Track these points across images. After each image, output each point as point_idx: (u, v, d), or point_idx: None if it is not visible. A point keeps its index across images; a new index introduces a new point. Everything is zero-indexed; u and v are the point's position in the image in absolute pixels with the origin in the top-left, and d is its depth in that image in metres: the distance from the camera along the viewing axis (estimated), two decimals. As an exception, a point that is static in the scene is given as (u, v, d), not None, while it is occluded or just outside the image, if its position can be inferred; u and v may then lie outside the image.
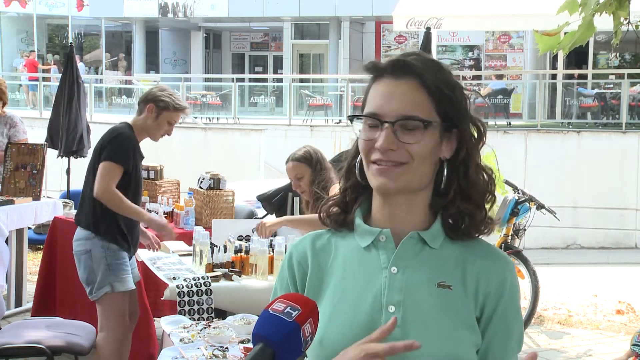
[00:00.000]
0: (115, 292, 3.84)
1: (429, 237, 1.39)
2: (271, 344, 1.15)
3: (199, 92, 18.41)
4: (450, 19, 13.69)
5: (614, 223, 10.70)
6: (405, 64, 1.37)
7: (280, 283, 1.48)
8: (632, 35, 4.59)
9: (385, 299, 1.35)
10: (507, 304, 1.38)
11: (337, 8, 20.89)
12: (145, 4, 22.71)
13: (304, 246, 1.47)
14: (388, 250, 1.39)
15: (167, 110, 3.95)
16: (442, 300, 1.35)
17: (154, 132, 4.00)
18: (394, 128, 1.34)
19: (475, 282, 1.37)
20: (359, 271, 1.40)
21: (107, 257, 3.85)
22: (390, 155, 1.34)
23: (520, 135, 11.16)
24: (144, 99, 3.97)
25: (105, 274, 3.83)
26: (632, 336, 4.33)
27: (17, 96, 19.39)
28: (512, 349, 1.40)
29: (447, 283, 1.36)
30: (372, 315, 1.35)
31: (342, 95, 15.66)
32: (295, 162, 4.07)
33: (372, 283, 1.38)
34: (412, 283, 1.36)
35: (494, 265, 1.39)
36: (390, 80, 1.37)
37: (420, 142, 1.34)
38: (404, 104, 1.34)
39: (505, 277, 1.39)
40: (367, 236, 1.41)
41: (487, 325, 1.37)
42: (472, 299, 1.37)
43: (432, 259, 1.39)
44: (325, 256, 1.45)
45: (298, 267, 1.45)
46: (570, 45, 4.13)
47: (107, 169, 3.77)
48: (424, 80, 1.35)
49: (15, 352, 3.75)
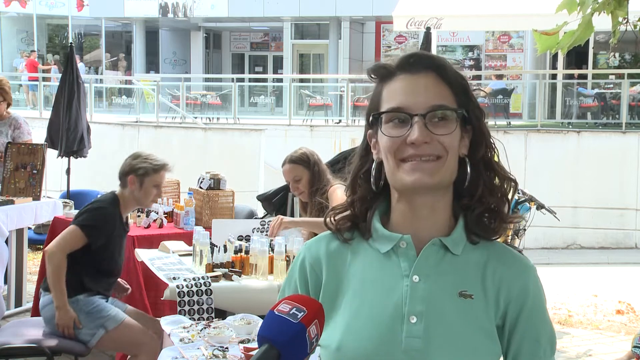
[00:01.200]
0: (109, 330, 3.76)
1: (451, 243, 1.35)
2: (276, 345, 1.15)
3: (199, 92, 18.41)
4: (450, 19, 13.69)
5: (614, 223, 10.70)
6: (419, 58, 1.33)
7: (289, 285, 1.44)
8: (632, 35, 4.59)
9: (406, 309, 1.31)
10: (532, 309, 1.34)
11: (337, 8, 20.89)
12: (145, 4, 22.71)
13: (318, 250, 1.42)
14: (409, 258, 1.34)
15: (148, 176, 3.89)
16: (464, 310, 1.31)
17: (144, 201, 3.95)
18: (425, 120, 1.29)
19: (497, 289, 1.34)
20: (379, 278, 1.36)
21: (81, 308, 3.76)
22: (425, 149, 1.29)
23: (520, 135, 11.16)
24: (122, 173, 3.90)
25: (88, 321, 3.74)
26: (633, 337, 4.33)
27: (17, 96, 19.38)
28: (544, 353, 1.36)
29: (468, 292, 1.33)
30: (393, 325, 1.31)
31: (342, 95, 15.66)
32: (292, 164, 4.05)
33: (392, 291, 1.33)
34: (434, 293, 1.32)
35: (515, 271, 1.35)
36: (407, 76, 1.33)
37: (453, 132, 1.31)
38: (431, 96, 1.30)
39: (528, 283, 1.35)
40: (386, 242, 1.36)
41: (512, 333, 1.34)
42: (492, 306, 1.33)
43: (453, 267, 1.34)
44: (342, 259, 1.40)
45: (311, 272, 1.41)
46: (570, 45, 4.13)
47: (71, 232, 3.74)
48: (443, 73, 1.32)
49: (15, 352, 3.75)
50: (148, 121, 14.67)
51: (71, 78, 6.99)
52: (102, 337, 3.75)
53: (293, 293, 1.42)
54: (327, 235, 1.44)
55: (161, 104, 15.43)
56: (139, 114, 16.28)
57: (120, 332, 3.78)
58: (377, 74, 1.37)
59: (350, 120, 14.26)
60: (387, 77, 1.35)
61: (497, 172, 1.37)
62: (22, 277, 5.73)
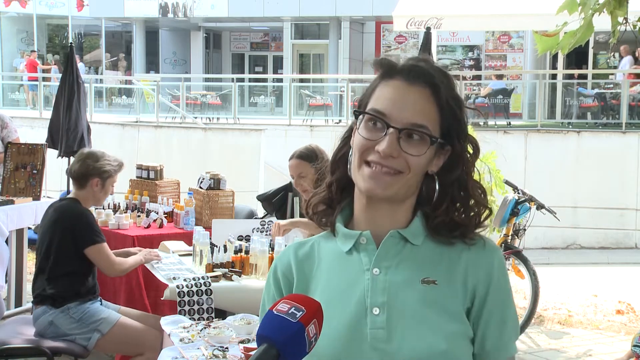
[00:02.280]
0: (105, 333, 3.77)
1: (410, 234, 1.38)
2: (275, 344, 1.15)
3: (199, 92, 18.41)
4: (450, 19, 13.68)
5: (614, 223, 10.69)
6: (421, 72, 1.34)
7: (267, 295, 1.48)
8: (631, 35, 4.59)
9: (369, 301, 1.34)
10: (497, 291, 1.37)
11: (337, 8, 20.89)
12: (145, 4, 22.70)
13: (288, 257, 1.46)
14: (369, 252, 1.38)
15: (110, 177, 4.01)
16: (428, 296, 1.34)
17: (102, 200, 4.10)
18: (399, 135, 1.31)
19: (464, 272, 1.36)
20: (343, 275, 1.39)
21: (72, 316, 3.78)
22: (389, 161, 1.32)
23: (520, 135, 11.16)
24: (83, 175, 3.93)
25: (82, 327, 3.76)
26: (633, 337, 4.33)
27: (17, 96, 19.41)
28: (509, 335, 1.39)
29: (431, 278, 1.35)
30: (358, 319, 1.34)
31: (342, 95, 15.66)
32: (299, 159, 3.99)
33: (355, 286, 1.37)
34: (395, 283, 1.35)
35: (480, 254, 1.38)
36: (403, 83, 1.34)
37: (422, 156, 1.33)
38: (414, 112, 1.32)
39: (493, 264, 1.38)
40: (347, 240, 1.40)
41: (480, 314, 1.37)
42: (460, 289, 1.35)
43: (414, 256, 1.37)
44: (310, 264, 1.44)
45: (283, 279, 1.45)
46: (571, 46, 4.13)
47: (102, 250, 3.86)
48: (437, 92, 1.33)
49: (15, 352, 3.75)
50: (148, 121, 14.67)
51: (71, 78, 6.99)
52: (98, 340, 3.76)
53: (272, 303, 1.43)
54: (295, 244, 1.49)
55: (161, 104, 15.42)
56: (139, 114, 16.28)
57: (116, 333, 3.78)
58: (381, 68, 1.39)
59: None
60: (387, 75, 1.37)
61: (472, 195, 1.39)
62: (22, 277, 5.73)
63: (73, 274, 3.83)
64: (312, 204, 1.45)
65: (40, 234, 3.98)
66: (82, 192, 3.96)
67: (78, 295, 3.82)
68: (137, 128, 13.18)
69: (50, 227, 3.88)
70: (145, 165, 5.87)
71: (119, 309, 4.03)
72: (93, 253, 3.83)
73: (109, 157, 4.04)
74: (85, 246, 3.82)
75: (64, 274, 3.81)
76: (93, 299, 3.90)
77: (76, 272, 3.83)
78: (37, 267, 3.94)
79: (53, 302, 3.79)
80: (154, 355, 3.62)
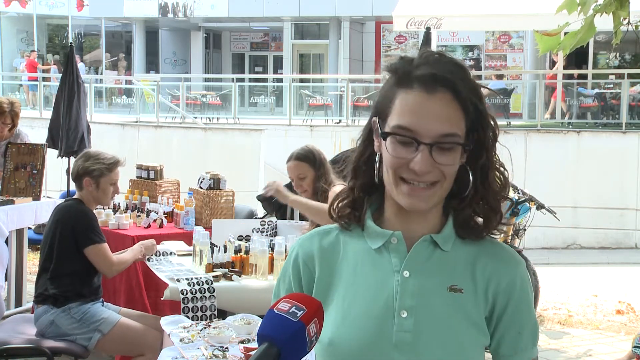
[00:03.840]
0: (105, 333, 3.77)
1: (441, 240, 1.38)
2: (276, 343, 1.15)
3: (199, 92, 18.41)
4: (450, 19, 13.68)
5: (614, 223, 10.69)
6: (440, 77, 1.30)
7: (283, 281, 1.46)
8: (632, 35, 4.59)
9: (397, 304, 1.34)
10: (518, 303, 1.38)
11: (337, 8, 20.88)
12: (145, 4, 22.70)
13: (311, 246, 1.44)
14: (400, 254, 1.37)
15: (104, 176, 3.95)
16: (454, 305, 1.34)
17: (103, 199, 4.04)
18: (431, 149, 1.29)
19: (486, 282, 1.37)
20: (371, 274, 1.38)
21: (73, 316, 3.78)
22: (425, 176, 1.30)
23: (520, 135, 11.16)
24: (76, 176, 3.94)
25: (83, 327, 3.76)
26: (633, 337, 4.32)
27: (17, 96, 19.40)
28: (525, 344, 1.40)
29: (458, 287, 1.35)
30: (384, 320, 1.34)
31: (342, 95, 15.65)
32: (298, 161, 3.98)
33: (384, 287, 1.36)
34: (424, 288, 1.35)
35: (504, 265, 1.39)
36: (423, 93, 1.30)
37: (455, 162, 1.32)
38: (441, 122, 1.29)
39: (515, 277, 1.38)
40: (378, 238, 1.39)
41: (498, 325, 1.38)
42: (482, 299, 1.36)
43: (443, 262, 1.37)
44: (334, 255, 1.42)
45: (304, 267, 1.43)
46: (572, 46, 4.13)
47: (101, 250, 3.85)
48: (458, 93, 1.31)
49: (15, 352, 3.75)
50: (148, 121, 14.67)
51: (71, 78, 6.99)
52: (99, 340, 3.76)
53: (287, 288, 1.45)
54: (320, 231, 1.47)
55: (161, 104, 15.42)
56: (139, 114, 16.27)
57: (117, 333, 3.78)
58: (394, 73, 1.35)
59: (351, 121, 14.26)
60: (404, 83, 1.32)
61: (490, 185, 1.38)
62: (22, 277, 5.73)
63: (75, 274, 3.83)
64: (338, 208, 1.43)
65: (44, 233, 4.00)
66: (82, 192, 3.97)
67: (80, 296, 3.82)
68: (137, 128, 13.18)
69: (53, 226, 3.89)
70: (145, 165, 5.87)
71: (120, 310, 4.03)
72: (92, 253, 3.83)
73: (103, 155, 4.00)
74: (84, 246, 3.82)
75: (66, 274, 3.81)
76: (95, 299, 3.90)
77: (79, 272, 3.83)
78: (40, 267, 3.95)
79: (55, 302, 3.79)
80: (154, 355, 3.62)
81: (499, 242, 1.43)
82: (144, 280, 4.59)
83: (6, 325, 4.05)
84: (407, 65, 1.33)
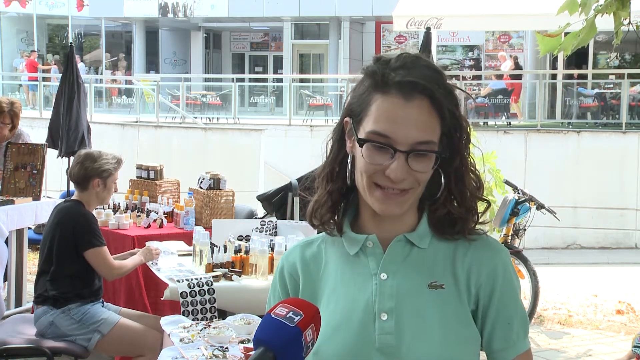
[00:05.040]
0: (105, 334, 3.77)
1: (416, 238, 1.37)
2: (272, 348, 1.15)
3: (199, 92, 18.41)
4: (450, 19, 13.69)
5: (614, 223, 10.70)
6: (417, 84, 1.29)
7: (273, 294, 1.47)
8: (632, 35, 4.59)
9: (377, 307, 1.33)
10: (502, 292, 1.35)
11: (337, 8, 20.89)
12: (145, 4, 22.71)
13: (294, 257, 1.45)
14: (377, 256, 1.37)
15: (111, 176, 3.98)
16: (436, 301, 1.33)
17: (107, 198, 4.07)
18: (408, 156, 1.29)
19: (467, 274, 1.35)
20: (351, 280, 1.38)
21: (73, 317, 3.78)
22: (400, 183, 1.30)
23: (520, 135, 11.16)
24: (84, 177, 3.91)
25: (82, 328, 3.76)
26: (633, 337, 4.32)
27: (17, 96, 19.39)
28: (517, 333, 1.37)
29: (438, 283, 1.34)
30: (366, 324, 1.33)
31: (342, 95, 15.66)
32: None
33: (363, 290, 1.36)
34: (403, 288, 1.34)
35: (483, 254, 1.37)
36: (400, 100, 1.29)
37: (429, 169, 1.32)
38: (417, 130, 1.28)
39: (497, 265, 1.36)
40: (354, 244, 1.39)
41: (485, 317, 1.36)
42: (465, 293, 1.35)
43: (421, 260, 1.36)
44: (316, 265, 1.42)
45: (290, 279, 1.44)
46: (574, 47, 4.13)
47: (101, 253, 3.84)
48: (435, 100, 1.30)
49: (15, 352, 3.75)
50: (148, 121, 14.67)
51: (71, 78, 6.99)
52: (98, 341, 3.76)
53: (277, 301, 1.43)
54: (302, 243, 1.47)
55: (161, 104, 15.43)
56: (139, 114, 16.27)
57: (116, 334, 3.78)
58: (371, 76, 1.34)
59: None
60: (380, 87, 1.31)
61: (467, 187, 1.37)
62: (22, 277, 5.73)
63: (75, 275, 3.82)
64: (318, 213, 1.42)
65: (44, 235, 3.99)
66: (85, 194, 3.95)
67: (80, 297, 3.82)
68: (137, 128, 13.18)
69: (52, 228, 3.88)
70: (145, 165, 5.87)
71: (120, 310, 4.02)
72: (91, 256, 3.82)
73: (107, 155, 4.01)
74: (84, 249, 3.81)
75: (66, 275, 3.81)
76: (95, 300, 3.90)
77: (78, 274, 3.83)
78: (40, 268, 3.94)
79: (54, 303, 3.79)
80: (154, 356, 3.61)
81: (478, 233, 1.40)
82: (144, 280, 4.59)
83: (6, 325, 4.05)
84: (384, 68, 1.32)
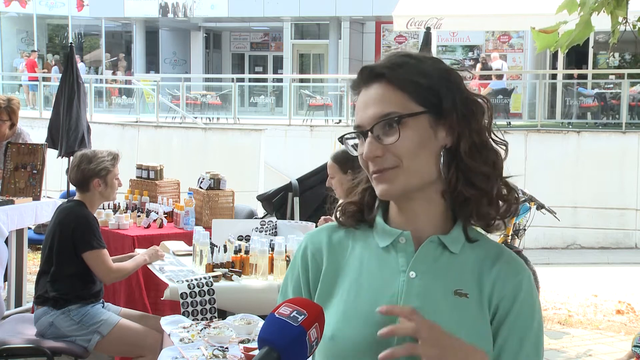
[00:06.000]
0: (105, 335, 3.77)
1: (450, 241, 1.36)
2: (276, 348, 1.15)
3: (199, 92, 18.41)
4: (450, 19, 13.70)
5: (614, 223, 10.70)
6: (368, 71, 1.35)
7: (292, 273, 1.46)
8: (631, 35, 4.59)
9: (401, 304, 1.33)
10: (521, 309, 1.34)
11: (337, 8, 20.89)
12: (145, 4, 22.71)
13: (320, 239, 1.44)
14: (407, 253, 1.36)
15: (110, 173, 3.96)
16: (458, 309, 1.33)
17: (111, 195, 4.04)
18: (375, 134, 1.32)
19: (491, 286, 1.35)
20: (376, 271, 1.37)
21: (72, 318, 3.78)
22: (380, 162, 1.32)
23: (520, 135, 11.16)
24: (83, 179, 3.91)
25: (82, 329, 3.76)
26: (633, 337, 4.33)
27: (17, 96, 19.36)
28: (527, 355, 1.35)
29: (463, 291, 1.34)
30: (388, 318, 1.31)
31: (342, 95, 15.67)
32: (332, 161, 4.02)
33: (389, 285, 1.35)
34: (429, 289, 1.34)
35: (510, 271, 1.36)
36: (364, 91, 1.36)
37: (402, 139, 1.30)
38: (376, 107, 1.32)
39: (521, 284, 1.36)
40: (386, 237, 1.39)
41: (499, 329, 1.35)
42: (486, 304, 1.34)
43: (451, 265, 1.36)
44: (342, 250, 1.42)
45: (312, 260, 1.43)
46: (569, 44, 4.14)
47: (100, 256, 3.83)
48: (390, 78, 1.33)
49: (15, 352, 3.75)
50: (148, 121, 14.67)
51: (71, 78, 6.99)
52: (98, 342, 3.76)
53: (295, 280, 1.44)
54: (329, 226, 1.47)
55: (161, 104, 15.43)
56: (139, 114, 16.28)
57: (116, 335, 3.78)
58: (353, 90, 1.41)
59: (351, 121, 14.25)
60: (355, 90, 1.39)
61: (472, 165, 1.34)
62: (22, 277, 5.73)
63: (75, 276, 3.82)
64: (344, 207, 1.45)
65: (46, 235, 3.99)
66: (87, 195, 3.94)
67: (80, 298, 3.82)
68: (137, 128, 13.18)
69: (53, 229, 3.88)
70: (145, 165, 5.87)
71: (120, 311, 4.02)
72: (90, 258, 3.81)
73: (102, 153, 3.99)
74: (82, 250, 3.80)
75: (66, 276, 3.80)
76: (95, 301, 3.90)
77: (79, 275, 3.82)
78: (41, 269, 3.94)
79: (54, 304, 3.79)
80: (154, 357, 3.61)
81: (508, 249, 1.41)
82: (144, 280, 4.59)
83: (6, 325, 4.05)
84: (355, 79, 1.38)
